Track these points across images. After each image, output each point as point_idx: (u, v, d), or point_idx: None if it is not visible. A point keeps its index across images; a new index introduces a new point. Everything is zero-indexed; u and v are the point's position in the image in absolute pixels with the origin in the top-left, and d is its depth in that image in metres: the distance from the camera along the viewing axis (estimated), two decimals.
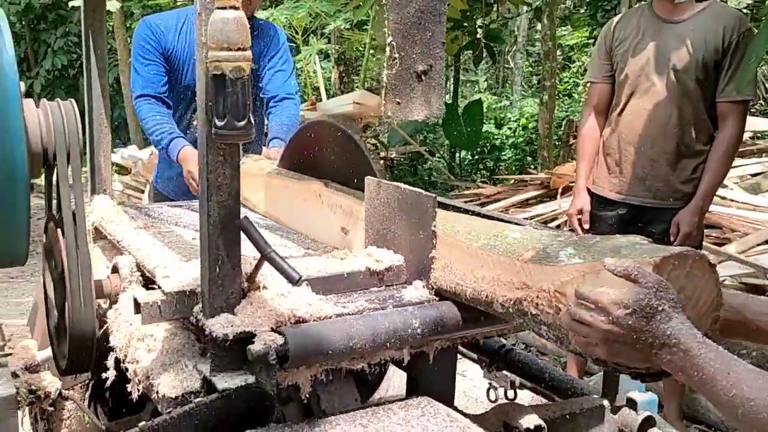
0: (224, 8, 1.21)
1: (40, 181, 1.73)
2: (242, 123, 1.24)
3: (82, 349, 1.60)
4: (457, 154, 9.21)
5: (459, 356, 1.83)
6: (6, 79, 1.34)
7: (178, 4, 8.21)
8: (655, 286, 1.03)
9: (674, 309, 1.03)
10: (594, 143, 3.10)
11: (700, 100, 2.80)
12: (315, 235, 1.98)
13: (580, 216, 3.08)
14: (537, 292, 1.24)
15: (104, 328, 1.72)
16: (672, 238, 2.82)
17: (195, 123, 2.82)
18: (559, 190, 5.60)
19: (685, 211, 2.82)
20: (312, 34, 10.13)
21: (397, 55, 1.49)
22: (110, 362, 1.66)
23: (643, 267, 1.08)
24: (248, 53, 1.23)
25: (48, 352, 2.11)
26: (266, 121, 3.11)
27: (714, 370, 0.96)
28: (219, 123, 1.24)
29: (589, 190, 3.09)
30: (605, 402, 1.77)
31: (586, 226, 3.07)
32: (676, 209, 2.85)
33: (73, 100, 1.56)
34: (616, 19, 3.10)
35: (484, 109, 8.74)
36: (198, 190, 2.70)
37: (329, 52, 10.84)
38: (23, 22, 10.62)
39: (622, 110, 2.95)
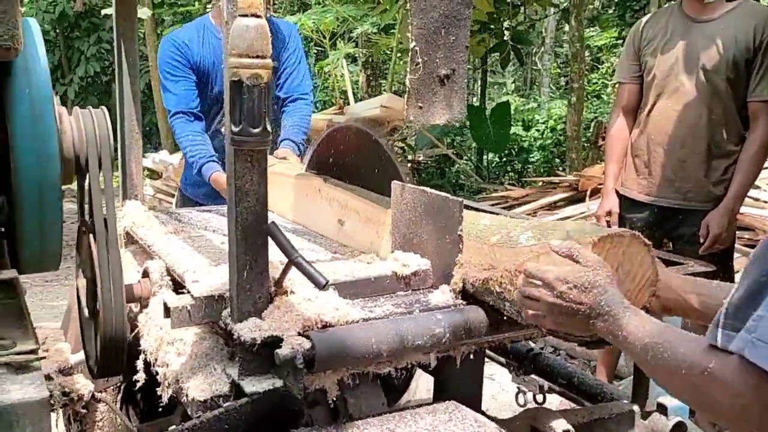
0: (245, 15, 1.23)
1: (72, 185, 1.76)
2: (257, 130, 1.25)
3: (113, 352, 1.63)
4: (485, 157, 9.17)
5: (487, 360, 1.83)
6: (40, 88, 1.37)
7: (208, 9, 8.30)
8: (593, 264, 1.19)
9: (609, 284, 1.18)
10: (623, 144, 3.06)
11: (730, 99, 2.76)
12: (315, 227, 2.10)
13: (608, 218, 3.05)
14: (501, 272, 1.39)
15: (135, 331, 1.75)
16: (702, 240, 2.78)
17: (224, 130, 2.85)
18: (588, 192, 5.54)
19: (715, 212, 2.77)
20: (339, 38, 10.18)
21: (420, 60, 1.49)
22: (141, 365, 1.69)
23: (583, 247, 1.23)
24: (267, 61, 1.25)
25: (81, 355, 2.16)
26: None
27: (633, 326, 1.11)
28: (235, 129, 1.25)
29: (617, 192, 3.06)
30: (635, 407, 1.75)
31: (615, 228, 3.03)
32: (706, 211, 2.81)
33: (104, 108, 1.60)
34: (644, 18, 3.06)
35: (512, 111, 8.70)
36: None
37: (356, 55, 10.88)
38: (57, 31, 10.84)
39: (650, 111, 2.92)
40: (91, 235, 1.63)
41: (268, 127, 1.25)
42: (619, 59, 3.19)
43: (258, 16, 1.21)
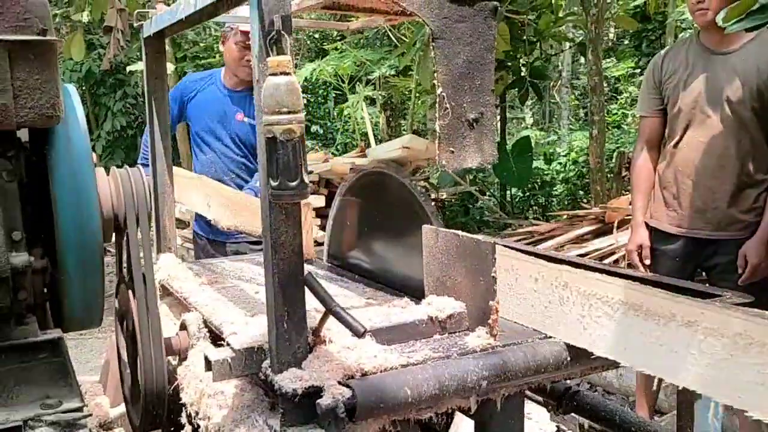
0: (276, 74, 1.26)
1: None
2: (295, 183, 1.28)
3: (154, 406, 1.65)
4: (508, 192, 9.17)
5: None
6: (80, 152, 1.42)
7: None
8: None
9: None
10: (649, 177, 3.05)
11: (757, 129, 2.74)
12: (195, 207, 2.92)
13: (640, 252, 3.02)
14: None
15: (174, 384, 1.76)
16: (740, 270, 2.74)
17: (202, 163, 3.33)
18: (615, 224, 5.50)
19: (752, 242, 2.73)
20: (358, 82, 10.34)
21: (447, 106, 1.52)
22: (183, 419, 1.70)
23: None
24: (300, 116, 1.27)
25: (121, 409, 2.17)
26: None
27: None
28: (273, 183, 1.28)
29: (647, 225, 3.04)
30: None
31: (647, 262, 3.00)
32: (740, 240, 2.78)
33: (140, 167, 1.64)
34: (663, 52, 3.08)
35: (533, 145, 8.71)
36: None
37: (375, 98, 11.03)
38: (84, 88, 11.14)
39: (677, 143, 2.91)
40: (130, 291, 1.67)
41: (306, 179, 1.27)
42: (640, 93, 3.20)
43: (287, 74, 1.25)
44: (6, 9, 1.21)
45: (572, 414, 2.12)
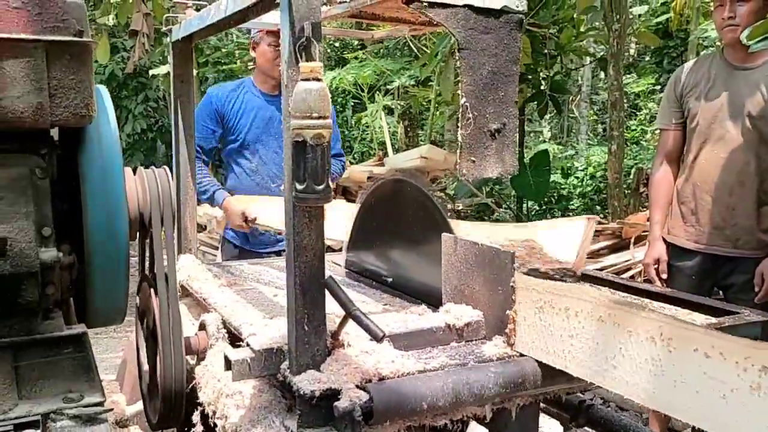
0: (307, 80, 1.28)
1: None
2: (321, 186, 1.29)
3: (173, 404, 1.67)
4: (525, 205, 9.15)
5: None
6: (110, 152, 1.45)
7: (250, 68, 8.57)
8: None
9: None
10: (667, 191, 3.04)
11: None
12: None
13: (656, 266, 3.01)
14: None
15: (192, 384, 1.78)
16: (756, 289, 2.73)
17: (246, 172, 3.23)
18: (632, 240, 5.48)
19: None
20: (377, 91, 10.39)
21: (470, 116, 1.54)
22: (198, 417, 1.72)
23: None
24: (328, 121, 1.30)
25: (137, 407, 2.19)
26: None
27: None
28: (299, 186, 1.30)
29: (664, 240, 3.03)
30: None
31: (664, 276, 2.99)
32: (758, 259, 2.76)
33: (166, 168, 1.67)
34: (686, 65, 3.07)
35: (550, 159, 8.69)
36: (247, 228, 2.93)
37: (394, 107, 11.07)
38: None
39: (695, 158, 2.90)
40: (152, 290, 1.69)
41: (330, 184, 1.29)
42: (660, 105, 3.19)
43: (319, 80, 1.27)
44: (45, 10, 1.24)
45: (586, 428, 2.11)
